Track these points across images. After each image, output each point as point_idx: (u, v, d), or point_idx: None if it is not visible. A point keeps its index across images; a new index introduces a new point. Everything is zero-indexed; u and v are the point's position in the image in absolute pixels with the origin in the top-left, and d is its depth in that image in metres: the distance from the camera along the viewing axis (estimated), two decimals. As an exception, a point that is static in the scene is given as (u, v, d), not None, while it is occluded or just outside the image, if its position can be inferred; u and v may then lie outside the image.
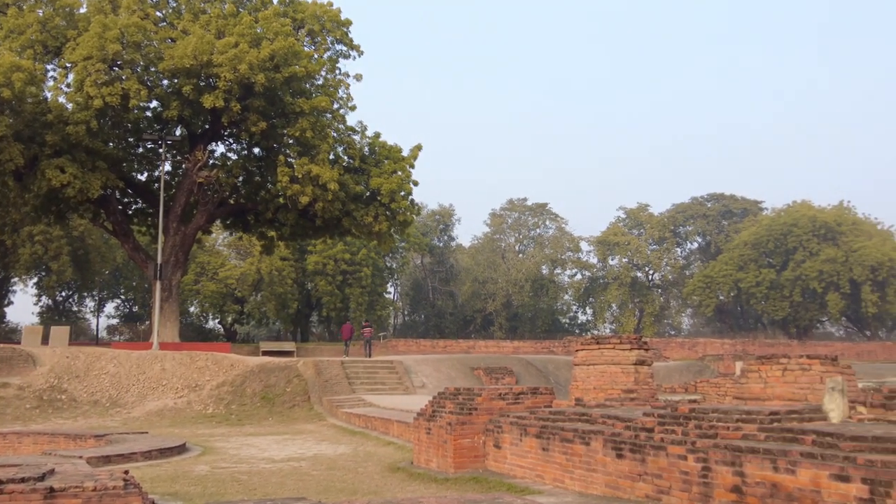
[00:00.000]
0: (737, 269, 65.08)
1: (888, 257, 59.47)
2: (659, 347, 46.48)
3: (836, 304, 60.74)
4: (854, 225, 64.61)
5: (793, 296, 62.58)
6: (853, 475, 6.23)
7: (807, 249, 62.83)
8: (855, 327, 69.74)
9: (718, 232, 74.89)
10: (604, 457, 9.63)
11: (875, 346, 52.91)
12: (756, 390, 11.01)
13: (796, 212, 66.45)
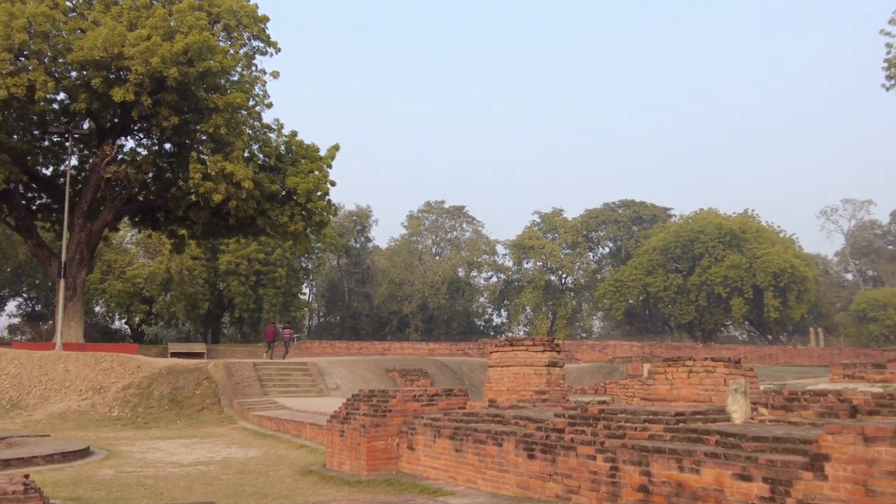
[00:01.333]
0: (646, 274, 66.82)
1: (789, 264, 61.97)
2: (571, 350, 47.29)
3: (739, 309, 62.96)
4: (758, 232, 67.13)
5: (699, 300, 64.60)
6: (755, 474, 6.47)
7: (713, 255, 64.94)
8: (757, 331, 72.42)
9: (629, 237, 76.73)
10: (516, 457, 9.73)
11: (776, 350, 55.00)
12: (662, 392, 11.32)
13: (703, 219, 68.64)
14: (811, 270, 66.58)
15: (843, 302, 77.99)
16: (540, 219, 77.80)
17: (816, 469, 5.90)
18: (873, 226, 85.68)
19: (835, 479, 5.76)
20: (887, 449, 5.41)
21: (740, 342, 73.76)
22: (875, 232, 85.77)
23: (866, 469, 5.54)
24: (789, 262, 62.21)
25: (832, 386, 11.07)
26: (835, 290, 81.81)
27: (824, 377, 20.67)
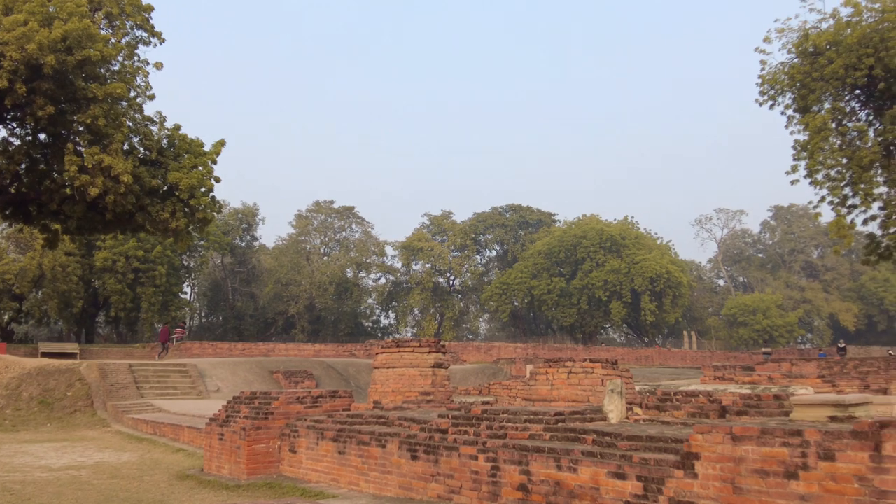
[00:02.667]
0: (531, 277, 68.12)
1: (665, 269, 64.44)
2: (457, 351, 47.69)
3: (618, 312, 65.02)
4: (636, 239, 69.51)
5: (580, 303, 66.34)
6: (629, 473, 6.66)
7: (594, 260, 66.80)
8: (635, 334, 74.98)
9: (515, 241, 78.03)
10: (399, 458, 9.71)
11: (651, 352, 57.11)
12: (543, 392, 11.54)
13: (586, 224, 70.53)
14: (686, 276, 69.47)
15: (716, 307, 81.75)
16: (429, 221, 78.17)
17: (687, 467, 6.12)
18: (744, 234, 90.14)
19: (704, 477, 5.99)
20: (754, 448, 5.66)
21: (619, 344, 76.26)
22: (746, 240, 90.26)
23: (734, 467, 5.79)
24: (665, 267, 64.67)
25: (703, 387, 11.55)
26: (707, 295, 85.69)
27: (696, 378, 21.57)
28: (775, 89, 32.93)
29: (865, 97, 32.59)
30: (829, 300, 77.67)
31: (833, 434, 5.20)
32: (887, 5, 31.07)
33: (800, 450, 5.36)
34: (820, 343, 74.63)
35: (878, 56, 29.55)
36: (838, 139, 31.52)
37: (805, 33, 32.32)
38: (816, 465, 5.26)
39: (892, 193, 30.95)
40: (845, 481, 5.11)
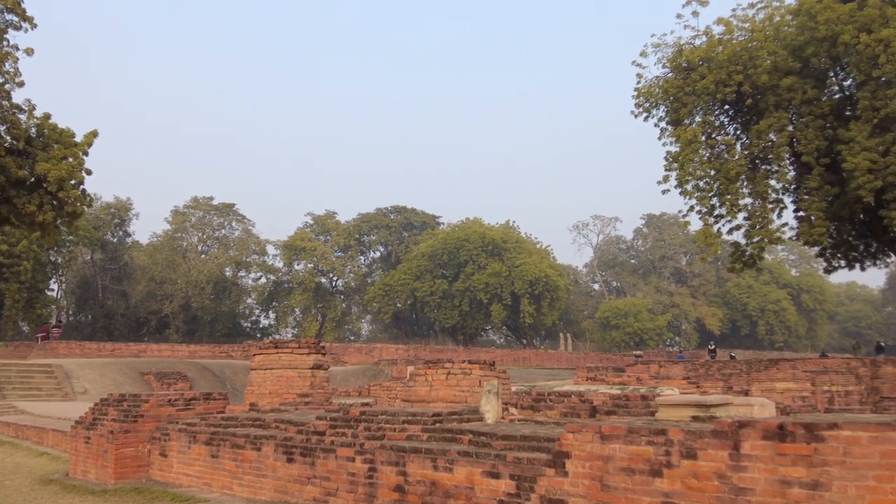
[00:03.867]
0: (414, 279, 68.38)
1: (544, 273, 65.98)
2: (338, 352, 47.34)
3: (499, 315, 66.09)
4: (517, 243, 70.87)
5: (462, 305, 67.07)
6: (503, 472, 6.78)
7: (476, 263, 67.67)
8: (514, 335, 76.42)
9: (399, 243, 78.16)
10: (275, 461, 9.56)
11: (529, 354, 58.30)
12: (422, 393, 11.61)
13: (469, 228, 71.41)
14: (563, 280, 71.35)
15: (590, 310, 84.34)
16: (313, 220, 77.25)
17: (558, 466, 6.28)
18: (618, 241, 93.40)
19: (574, 475, 6.16)
20: (621, 446, 5.87)
21: (498, 346, 77.57)
22: (620, 246, 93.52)
23: (602, 465, 5.98)
24: (544, 271, 66.22)
25: (576, 388, 11.89)
26: (583, 298, 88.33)
27: (570, 379, 22.20)
28: (650, 102, 34.23)
29: (734, 112, 34.33)
30: (696, 305, 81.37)
31: (695, 433, 5.44)
32: (756, 25, 32.82)
33: (664, 448, 5.59)
34: (686, 346, 78.06)
35: (746, 73, 31.14)
36: (707, 152, 33.04)
37: (679, 49, 33.74)
38: (679, 463, 5.49)
39: (757, 205, 32.67)
40: (706, 479, 5.36)
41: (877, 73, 28.16)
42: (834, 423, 4.82)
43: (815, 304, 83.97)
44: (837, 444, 4.77)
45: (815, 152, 30.26)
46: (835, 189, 30.65)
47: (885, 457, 4.59)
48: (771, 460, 5.04)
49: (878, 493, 4.60)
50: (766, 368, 23.51)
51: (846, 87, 32.80)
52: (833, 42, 29.07)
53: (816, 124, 30.46)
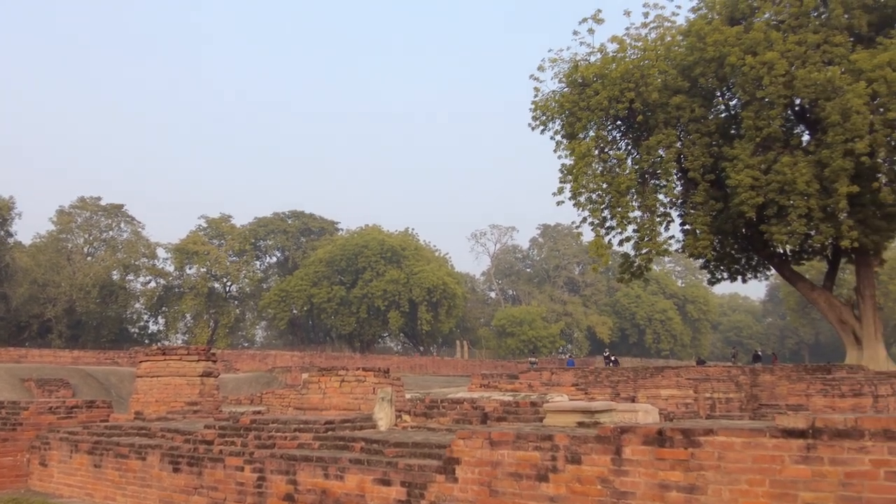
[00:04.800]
0: (311, 285, 67.62)
1: (442, 281, 66.39)
2: (230, 359, 46.27)
3: (396, 322, 66.09)
4: (416, 250, 71.09)
5: (359, 312, 66.74)
6: (394, 479, 6.80)
7: (374, 270, 67.50)
8: (411, 342, 76.52)
9: (297, 248, 77.15)
10: (160, 471, 9.31)
11: (426, 361, 58.49)
12: (315, 401, 11.50)
13: (368, 234, 71.16)
14: (461, 288, 71.98)
15: (487, 317, 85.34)
16: (207, 224, 75.27)
17: (448, 472, 6.34)
18: (515, 250, 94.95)
19: (464, 481, 6.24)
20: (509, 452, 5.97)
21: (395, 353, 77.52)
22: (516, 255, 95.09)
23: (491, 471, 6.07)
24: (442, 279, 66.65)
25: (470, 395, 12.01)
26: (480, 306, 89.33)
27: (465, 386, 22.38)
28: (546, 115, 35.01)
29: (626, 128, 35.47)
30: (587, 313, 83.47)
31: (580, 439, 5.60)
32: (648, 44, 34.02)
33: (550, 453, 5.72)
34: (578, 353, 79.91)
35: (638, 91, 32.24)
36: (600, 165, 34.03)
37: (575, 65, 34.65)
38: (565, 467, 5.64)
39: (645, 218, 33.84)
40: (590, 483, 5.51)
41: (760, 94, 29.61)
42: (710, 429, 5.05)
43: (699, 314, 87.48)
44: (713, 450, 4.99)
45: (701, 168, 31.58)
46: (719, 204, 32.06)
47: (757, 461, 4.83)
48: (651, 464, 5.23)
49: (749, 496, 4.83)
50: (652, 376, 24.32)
51: (732, 106, 34.39)
52: (720, 63, 30.42)
53: (703, 142, 31.80)
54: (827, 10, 30.11)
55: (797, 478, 4.67)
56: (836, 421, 4.60)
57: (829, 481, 4.56)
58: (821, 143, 29.06)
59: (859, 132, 26.94)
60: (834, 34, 29.58)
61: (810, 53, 29.24)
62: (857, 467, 4.49)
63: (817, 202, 28.54)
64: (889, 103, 27.15)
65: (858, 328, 32.35)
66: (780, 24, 30.85)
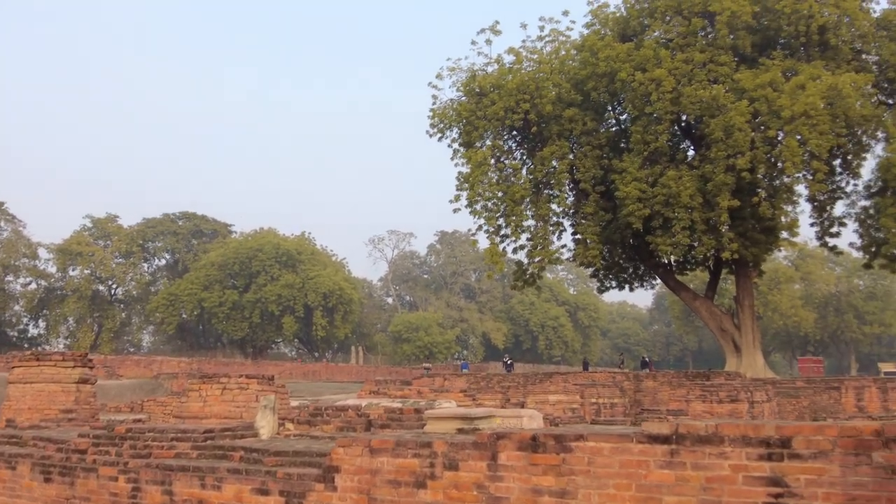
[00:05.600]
0: (202, 289, 65.91)
1: (338, 286, 65.92)
2: (114, 365, 44.59)
3: (290, 327, 65.19)
4: (312, 255, 70.35)
5: (252, 317, 65.52)
6: (272, 488, 6.70)
7: (269, 274, 66.42)
8: (306, 348, 75.64)
9: (188, 250, 75.10)
10: (31, 482, 8.91)
11: (320, 367, 57.77)
12: (195, 409, 11.22)
13: (262, 238, 69.98)
14: (357, 293, 71.63)
15: (384, 323, 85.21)
16: (92, 223, 72.27)
17: (328, 480, 6.30)
18: (413, 256, 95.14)
19: (343, 490, 6.20)
20: (388, 459, 5.97)
21: (289, 359, 76.36)
22: (414, 261, 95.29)
23: (370, 479, 6.06)
24: (339, 284, 66.19)
25: (358, 401, 11.98)
26: (377, 312, 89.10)
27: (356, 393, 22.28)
28: (444, 123, 35.33)
29: (521, 138, 36.15)
30: (483, 320, 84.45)
31: (458, 445, 5.65)
32: (544, 57, 34.78)
33: (429, 460, 5.75)
34: (473, 359, 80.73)
35: (533, 102, 32.91)
36: (496, 174, 34.56)
37: (473, 74, 35.10)
38: (442, 474, 5.68)
39: (538, 227, 34.55)
40: (466, 489, 5.57)
41: (649, 110, 30.70)
42: (581, 434, 5.18)
43: (590, 321, 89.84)
44: (583, 455, 5.12)
45: (592, 180, 32.51)
46: (608, 215, 33.05)
47: (624, 466, 4.98)
48: (525, 470, 5.33)
49: (617, 500, 4.98)
50: (541, 381, 24.81)
51: (622, 120, 35.55)
52: (612, 78, 31.39)
53: (594, 154, 32.73)
54: (713, 30, 31.51)
55: (661, 482, 4.84)
56: (698, 427, 4.79)
57: (691, 486, 4.75)
58: (704, 159, 30.36)
59: (741, 149, 28.26)
60: (719, 54, 30.98)
61: (696, 72, 30.54)
62: (718, 472, 4.68)
63: (700, 215, 29.77)
64: (769, 122, 28.60)
65: (738, 336, 33.86)
66: (668, 42, 32.09)
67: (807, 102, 27.17)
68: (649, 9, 32.98)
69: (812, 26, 30.27)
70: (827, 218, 33.35)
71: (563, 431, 5.37)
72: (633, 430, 5.17)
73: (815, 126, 27.32)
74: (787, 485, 4.48)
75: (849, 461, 4.36)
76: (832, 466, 4.39)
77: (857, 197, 32.86)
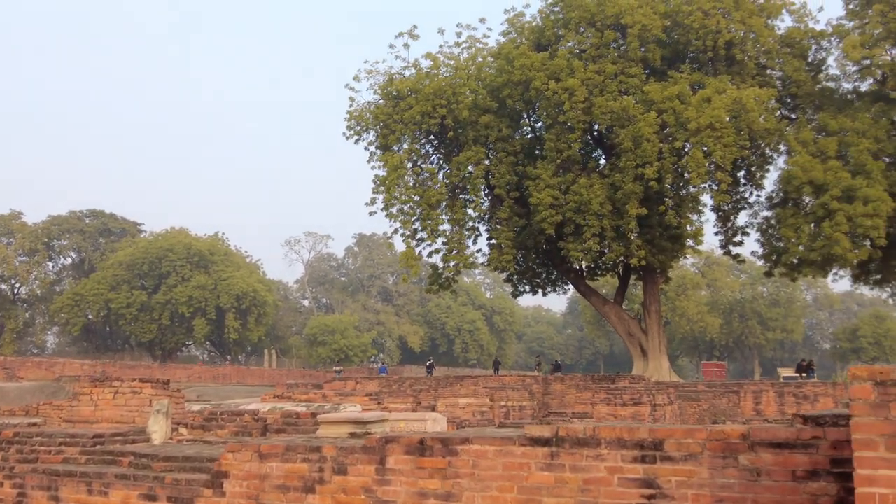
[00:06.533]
0: (109, 289, 63.90)
1: (252, 288, 64.85)
2: (13, 367, 42.91)
3: (202, 329, 63.81)
4: (226, 256, 69.04)
5: (162, 319, 63.89)
6: (160, 494, 6.58)
7: (180, 275, 64.88)
8: (217, 351, 74.15)
9: (95, 249, 72.71)
10: None
11: (230, 370, 56.70)
12: (86, 413, 10.91)
13: (174, 237, 68.28)
14: (272, 295, 70.63)
15: (299, 326, 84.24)
16: (-6, 220, 69.46)
17: (216, 486, 6.22)
18: (330, 258, 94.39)
19: (231, 495, 6.14)
20: (278, 464, 5.95)
21: (200, 362, 74.77)
22: (331, 264, 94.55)
23: (259, 484, 6.02)
24: (253, 286, 65.13)
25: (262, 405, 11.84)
26: (292, 314, 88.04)
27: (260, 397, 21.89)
28: (361, 126, 35.21)
29: (438, 143, 36.33)
30: (399, 323, 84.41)
31: (347, 449, 5.67)
32: (461, 63, 35.04)
33: (318, 465, 5.75)
34: (390, 362, 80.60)
35: (450, 108, 33.12)
36: (412, 178, 34.64)
37: (390, 78, 35.12)
38: (331, 479, 5.68)
39: (454, 231, 34.77)
40: (354, 493, 5.59)
41: (562, 119, 31.26)
42: (466, 437, 5.26)
43: (505, 324, 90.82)
44: (468, 458, 5.21)
45: (507, 186, 32.91)
46: (522, 220, 33.50)
47: (507, 469, 5.08)
48: (412, 473, 5.38)
49: (499, 502, 5.08)
50: (452, 385, 24.97)
51: (537, 128, 36.09)
52: (527, 86, 31.83)
53: (509, 160, 33.13)
54: (625, 42, 32.30)
55: (542, 484, 4.96)
56: (577, 430, 4.93)
57: (569, 487, 4.88)
58: (615, 168, 31.08)
59: (649, 159, 29.02)
60: (630, 66, 31.78)
61: (608, 82, 31.25)
62: (594, 474, 4.82)
63: (610, 222, 30.46)
64: (676, 133, 29.47)
65: (645, 341, 34.75)
66: (582, 53, 32.73)
67: (712, 115, 28.09)
68: (564, 20, 33.57)
69: (719, 41, 31.30)
70: (731, 227, 34.56)
71: (450, 435, 5.45)
72: (516, 433, 5.27)
73: (720, 138, 28.26)
74: (660, 486, 4.64)
75: (717, 464, 4.55)
76: (701, 469, 4.57)
77: (760, 207, 34.15)
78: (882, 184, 27.78)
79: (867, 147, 28.22)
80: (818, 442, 4.36)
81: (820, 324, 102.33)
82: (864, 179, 27.49)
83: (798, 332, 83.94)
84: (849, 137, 28.70)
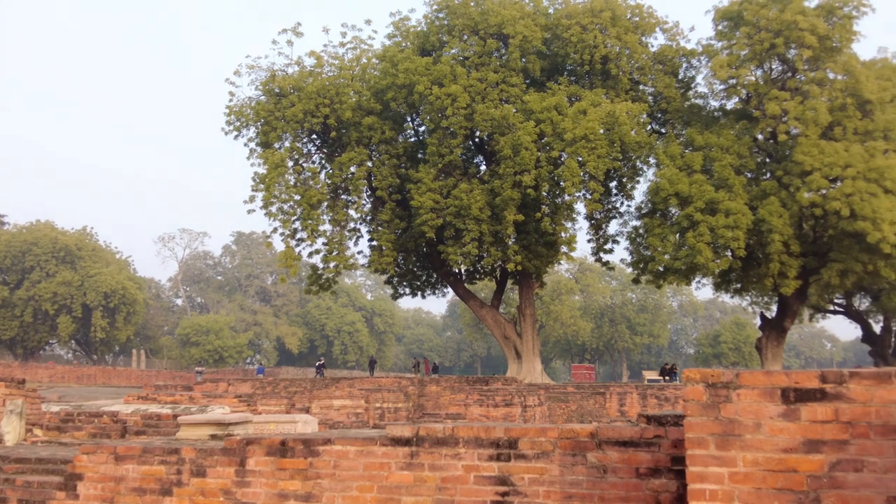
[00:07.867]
0: (-34, 284, 60.31)
1: (122, 285, 62.41)
2: None
3: (67, 327, 60.99)
4: (94, 251, 66.18)
5: (24, 316, 60.78)
6: (10, 496, 6.32)
7: (44, 270, 61.88)
8: (83, 351, 70.95)
9: (-49, 241, 68.35)
10: None
11: (96, 370, 54.41)
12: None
13: (38, 231, 64.97)
14: (143, 293, 68.19)
15: (171, 326, 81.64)
16: None
17: (70, 488, 6.03)
18: (206, 256, 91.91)
19: (86, 498, 5.96)
20: (134, 466, 5.82)
21: (65, 361, 71.30)
22: (207, 262, 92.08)
23: (115, 486, 5.87)
24: (122, 283, 62.74)
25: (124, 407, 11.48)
26: (164, 314, 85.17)
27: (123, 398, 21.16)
28: (241, 121, 34.52)
29: (320, 142, 36.03)
30: (277, 324, 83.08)
31: (207, 451, 5.61)
32: (345, 64, 34.88)
33: (176, 467, 5.67)
34: (268, 363, 79.19)
35: (333, 107, 32.92)
36: (293, 177, 34.21)
37: (273, 74, 34.58)
38: (189, 481, 5.61)
39: (335, 232, 34.56)
40: (213, 495, 5.54)
41: (444, 124, 31.58)
42: (328, 438, 5.31)
43: (385, 326, 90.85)
44: (330, 458, 5.25)
45: (389, 188, 33.01)
46: (403, 223, 33.67)
47: (368, 468, 5.16)
48: (272, 475, 5.38)
49: (359, 501, 5.15)
50: (327, 387, 24.84)
51: (419, 132, 36.33)
52: (410, 90, 31.99)
53: (392, 163, 33.24)
54: (507, 52, 32.95)
55: (401, 483, 5.06)
56: (437, 430, 5.06)
57: (427, 486, 5.00)
58: (494, 174, 31.65)
59: (527, 166, 29.70)
60: (511, 75, 32.47)
61: (490, 90, 31.83)
62: (452, 472, 4.97)
63: (489, 227, 30.98)
64: (553, 143, 30.27)
65: (519, 343, 35.51)
66: (465, 60, 33.21)
67: (587, 127, 29.02)
68: (448, 26, 33.96)
69: (596, 56, 32.37)
70: (602, 235, 35.75)
71: (313, 436, 5.48)
72: (378, 434, 5.37)
73: (593, 149, 29.22)
74: (513, 484, 4.82)
75: (567, 461, 4.77)
76: (552, 466, 4.78)
77: (629, 217, 35.42)
78: (743, 198, 29.32)
79: (730, 162, 29.73)
80: (660, 441, 4.63)
81: (685, 329, 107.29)
82: (726, 193, 28.94)
83: (664, 337, 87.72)
84: (714, 153, 30.16)
